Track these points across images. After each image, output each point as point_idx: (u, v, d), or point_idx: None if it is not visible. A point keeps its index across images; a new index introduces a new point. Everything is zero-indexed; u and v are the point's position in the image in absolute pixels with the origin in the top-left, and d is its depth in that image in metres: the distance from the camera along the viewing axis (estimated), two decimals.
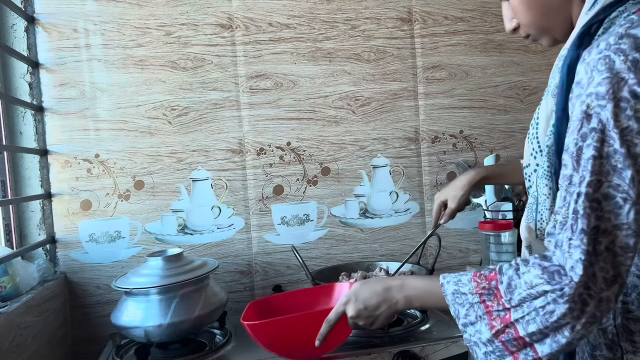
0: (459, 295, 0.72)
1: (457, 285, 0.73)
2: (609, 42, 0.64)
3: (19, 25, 1.40)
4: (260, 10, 1.53)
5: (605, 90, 0.62)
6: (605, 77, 0.62)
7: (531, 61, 1.69)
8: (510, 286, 0.67)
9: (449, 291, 0.73)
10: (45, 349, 1.25)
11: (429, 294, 0.79)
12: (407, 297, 0.81)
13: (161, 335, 1.17)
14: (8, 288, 1.20)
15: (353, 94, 1.59)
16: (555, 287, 0.63)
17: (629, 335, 0.69)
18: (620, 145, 0.61)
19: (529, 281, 0.66)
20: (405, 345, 1.16)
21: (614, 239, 0.61)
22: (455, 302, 0.72)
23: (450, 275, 0.75)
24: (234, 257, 1.54)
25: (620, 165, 0.61)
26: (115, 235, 1.47)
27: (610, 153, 0.62)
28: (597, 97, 0.63)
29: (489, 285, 0.69)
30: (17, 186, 1.41)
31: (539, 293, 0.64)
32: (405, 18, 1.61)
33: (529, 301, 0.65)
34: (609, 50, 0.63)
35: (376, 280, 0.86)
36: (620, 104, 0.61)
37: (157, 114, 1.48)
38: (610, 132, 0.62)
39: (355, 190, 1.61)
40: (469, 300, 0.71)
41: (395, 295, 0.81)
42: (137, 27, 1.47)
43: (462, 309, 0.71)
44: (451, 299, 0.73)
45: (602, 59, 0.63)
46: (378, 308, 0.83)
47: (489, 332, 0.68)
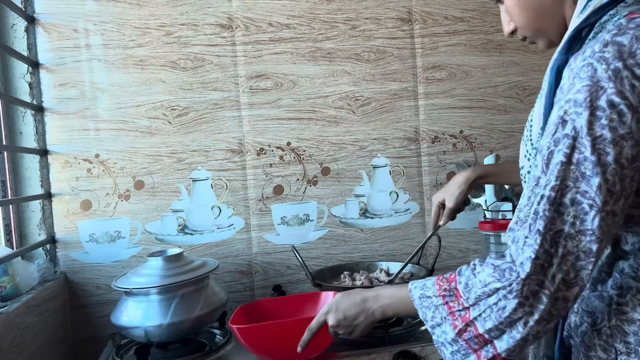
0: (425, 299, 0.76)
1: (423, 289, 0.76)
2: (594, 49, 0.65)
3: (19, 25, 1.40)
4: (260, 10, 1.53)
5: (583, 97, 0.63)
6: (585, 84, 0.63)
7: (531, 61, 1.69)
8: (467, 286, 0.71)
9: (416, 296, 0.77)
10: (45, 349, 1.25)
11: (399, 301, 0.83)
12: (382, 306, 0.85)
13: (161, 335, 1.17)
14: (8, 288, 1.20)
15: (353, 94, 1.59)
16: (504, 283, 0.66)
17: (623, 336, 0.69)
18: (591, 153, 0.62)
19: (482, 280, 0.69)
20: (405, 345, 1.16)
21: (578, 243, 0.63)
22: (422, 305, 0.76)
23: (417, 282, 0.79)
24: (234, 257, 1.54)
25: (589, 172, 0.63)
26: (115, 235, 1.47)
27: (580, 160, 0.63)
28: (575, 103, 0.64)
29: (449, 287, 0.73)
30: (17, 186, 1.41)
31: (491, 291, 0.68)
32: (405, 18, 1.61)
33: (484, 299, 0.68)
34: (592, 58, 0.64)
35: (355, 292, 0.90)
36: (596, 112, 0.62)
37: (157, 114, 1.48)
38: (583, 140, 0.63)
39: (355, 190, 1.61)
40: (434, 302, 0.74)
41: (371, 305, 0.86)
42: (137, 27, 1.47)
43: (428, 312, 0.75)
44: (418, 303, 0.76)
45: (586, 67, 0.64)
46: (357, 318, 0.88)
47: (453, 332, 0.72)
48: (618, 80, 0.62)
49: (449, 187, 1.19)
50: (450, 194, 1.18)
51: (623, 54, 0.62)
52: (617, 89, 0.62)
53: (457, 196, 1.17)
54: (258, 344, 1.04)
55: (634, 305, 0.68)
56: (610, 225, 0.63)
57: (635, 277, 0.69)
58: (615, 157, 0.62)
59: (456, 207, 1.19)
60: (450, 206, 1.18)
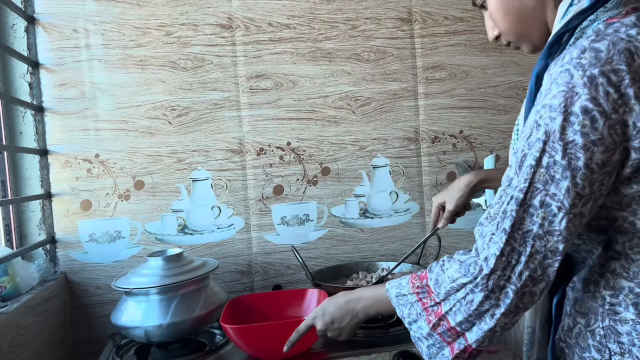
0: (401, 297, 0.79)
1: (399, 288, 0.80)
2: (572, 55, 0.66)
3: (19, 25, 1.40)
4: (260, 10, 1.53)
5: (558, 102, 0.64)
6: (561, 90, 0.64)
7: (531, 61, 1.68)
8: (437, 282, 0.75)
9: (393, 295, 0.80)
10: (45, 349, 1.25)
11: (379, 301, 0.85)
12: (364, 307, 0.88)
13: (161, 335, 1.17)
14: (8, 288, 1.20)
15: (353, 94, 1.59)
16: (469, 278, 0.70)
17: (616, 336, 0.69)
18: (562, 157, 0.64)
19: (450, 275, 0.73)
20: (405, 345, 1.16)
21: (546, 243, 0.66)
22: (399, 304, 0.79)
23: (393, 281, 0.82)
24: (234, 257, 1.54)
25: (558, 176, 0.65)
26: (115, 235, 1.47)
27: (550, 164, 0.65)
28: (550, 108, 0.65)
29: (421, 284, 0.77)
30: (17, 186, 1.41)
31: (459, 285, 0.71)
32: (405, 18, 1.61)
33: (453, 293, 0.72)
34: (570, 64, 0.65)
35: (339, 295, 0.93)
36: (569, 117, 0.63)
37: (157, 114, 1.48)
38: (555, 144, 0.64)
39: (355, 190, 1.61)
40: (409, 300, 0.78)
41: (354, 307, 0.89)
42: (137, 27, 1.47)
43: (405, 310, 0.78)
44: (395, 301, 0.80)
45: (563, 72, 0.65)
46: (342, 320, 0.91)
47: (427, 326, 0.75)
48: (593, 87, 0.63)
49: (451, 189, 1.18)
50: (450, 196, 1.17)
51: (600, 60, 0.63)
52: (592, 96, 0.63)
53: (458, 199, 1.17)
54: (247, 342, 1.10)
55: (627, 305, 0.69)
56: (577, 226, 0.66)
57: (627, 277, 0.69)
58: (585, 162, 0.63)
59: (456, 211, 1.18)
60: (451, 209, 1.17)
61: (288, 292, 1.35)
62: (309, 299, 1.28)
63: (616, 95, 0.62)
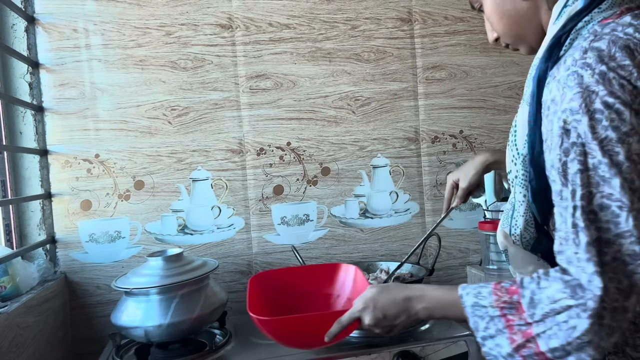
0: (478, 307, 0.72)
1: (477, 297, 0.72)
2: (574, 57, 0.66)
3: (19, 25, 1.40)
4: (260, 10, 1.53)
5: (578, 105, 0.63)
6: (577, 92, 0.64)
7: (531, 61, 1.68)
8: (532, 300, 0.67)
9: (468, 303, 0.73)
10: (45, 349, 1.25)
11: (448, 305, 0.78)
12: (427, 308, 0.81)
13: (161, 335, 1.17)
14: (8, 288, 1.20)
15: (353, 94, 1.59)
16: (579, 301, 0.62)
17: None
18: (602, 155, 0.62)
19: (551, 295, 0.65)
20: (405, 345, 1.16)
21: (620, 247, 0.61)
22: (474, 314, 0.72)
23: (469, 287, 0.75)
24: (234, 257, 1.54)
25: (607, 175, 0.62)
26: (115, 235, 1.47)
27: (595, 164, 0.63)
28: (571, 112, 0.64)
29: (510, 299, 0.69)
30: (17, 186, 1.41)
31: (562, 308, 0.63)
32: (405, 18, 1.61)
33: (552, 316, 0.64)
34: (575, 66, 0.65)
35: (395, 289, 0.85)
36: (595, 115, 0.63)
37: (157, 114, 1.48)
38: (590, 145, 0.63)
39: (355, 190, 1.61)
40: (489, 313, 0.70)
41: (415, 306, 0.82)
42: (137, 27, 1.47)
43: (481, 322, 0.71)
44: (470, 311, 0.73)
45: (571, 75, 0.65)
46: (397, 318, 0.83)
47: (509, 346, 0.68)
48: (606, 82, 0.62)
49: (465, 166, 1.18)
50: (465, 173, 1.16)
51: (604, 58, 0.64)
52: (608, 90, 0.62)
53: (472, 177, 1.15)
54: (279, 334, 1.00)
55: None
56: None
57: None
58: (625, 155, 0.61)
59: (469, 188, 1.16)
60: (464, 186, 1.16)
61: (319, 267, 1.25)
62: (344, 275, 1.18)
63: (631, 87, 0.62)
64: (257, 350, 1.21)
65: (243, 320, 1.43)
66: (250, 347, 1.22)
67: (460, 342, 1.18)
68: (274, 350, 1.19)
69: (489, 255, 1.51)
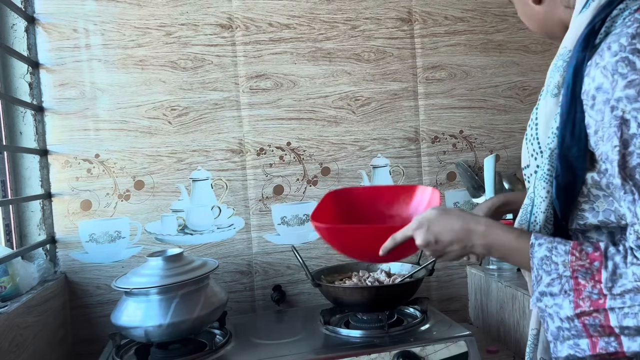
0: (548, 262, 0.69)
1: (551, 252, 0.69)
2: (621, 43, 0.64)
3: (19, 25, 1.40)
4: (260, 10, 1.53)
5: (635, 92, 0.62)
6: (631, 79, 0.62)
7: (531, 61, 1.69)
8: (615, 274, 0.64)
9: (537, 255, 0.70)
10: (45, 349, 1.25)
11: (512, 250, 0.74)
12: (488, 245, 0.77)
13: (161, 335, 1.17)
14: (8, 288, 1.20)
15: (353, 94, 1.59)
16: None
17: None
18: None
19: (638, 273, 0.62)
20: (405, 346, 1.16)
21: None
22: (541, 267, 0.69)
23: (543, 239, 0.71)
24: (234, 257, 1.54)
25: None
26: (115, 235, 1.47)
27: None
28: (629, 100, 0.62)
29: (589, 265, 0.66)
30: (17, 186, 1.41)
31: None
32: (405, 18, 1.61)
33: (634, 294, 0.62)
34: (625, 52, 0.63)
35: (456, 215, 0.79)
36: None
37: (157, 114, 1.48)
38: None
39: None
40: (559, 271, 0.67)
41: (474, 239, 0.77)
42: (137, 27, 1.47)
43: (546, 277, 0.68)
44: (537, 262, 0.70)
45: (621, 62, 0.63)
46: (450, 245, 0.79)
47: (571, 309, 0.66)
48: None
49: (475, 211, 1.09)
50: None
51: None
52: None
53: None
54: (338, 243, 0.99)
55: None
56: None
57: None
58: None
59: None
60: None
61: (396, 188, 1.20)
62: (420, 197, 1.14)
63: None
64: (257, 350, 1.21)
65: (243, 320, 1.43)
66: (250, 347, 1.22)
67: (460, 342, 1.18)
68: (274, 350, 1.19)
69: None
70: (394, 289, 1.29)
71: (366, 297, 1.26)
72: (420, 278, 1.31)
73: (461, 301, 1.67)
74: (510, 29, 1.67)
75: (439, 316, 1.34)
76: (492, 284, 1.49)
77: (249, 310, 1.54)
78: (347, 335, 1.24)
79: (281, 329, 1.36)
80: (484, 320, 1.56)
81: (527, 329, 1.22)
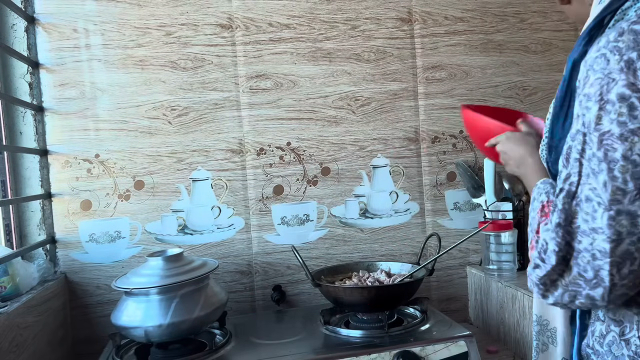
0: (534, 201, 0.78)
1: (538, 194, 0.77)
2: (609, 38, 0.63)
3: (19, 25, 1.40)
4: (260, 10, 1.53)
5: (594, 91, 0.62)
6: (597, 77, 0.62)
7: (531, 61, 1.69)
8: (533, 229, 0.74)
9: (533, 194, 0.79)
10: (45, 349, 1.25)
11: (528, 181, 0.85)
12: (523, 172, 0.88)
13: (161, 335, 1.17)
14: (8, 288, 1.20)
15: (353, 94, 1.59)
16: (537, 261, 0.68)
17: None
18: (597, 148, 0.61)
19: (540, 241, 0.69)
20: (405, 346, 1.16)
21: (592, 241, 0.62)
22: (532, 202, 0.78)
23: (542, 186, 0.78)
24: (234, 257, 1.54)
25: (596, 168, 0.61)
26: (115, 235, 1.47)
27: (590, 156, 0.62)
28: (587, 98, 0.63)
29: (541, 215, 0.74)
30: (17, 186, 1.41)
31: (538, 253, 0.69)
32: (405, 18, 1.61)
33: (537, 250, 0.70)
34: (606, 48, 0.62)
35: (523, 140, 0.90)
36: (605, 106, 0.61)
37: (157, 114, 1.48)
38: (591, 135, 0.62)
39: (355, 190, 1.61)
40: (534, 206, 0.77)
41: (520, 165, 0.88)
42: (137, 27, 1.47)
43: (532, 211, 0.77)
44: (532, 198, 0.79)
45: (599, 58, 0.63)
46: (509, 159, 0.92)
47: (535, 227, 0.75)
48: (630, 72, 0.59)
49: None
50: None
51: (638, 44, 0.60)
52: (629, 81, 0.59)
53: None
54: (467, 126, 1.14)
55: None
56: (626, 226, 0.60)
57: None
58: (624, 153, 0.59)
59: None
60: None
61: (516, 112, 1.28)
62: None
63: None
64: (257, 350, 1.21)
65: (243, 320, 1.43)
66: (250, 347, 1.22)
67: (460, 342, 1.18)
68: (274, 350, 1.19)
69: (489, 255, 1.51)
70: (394, 289, 1.29)
71: (366, 297, 1.26)
72: (420, 278, 1.31)
73: (461, 301, 1.67)
74: (510, 29, 1.67)
75: (439, 316, 1.34)
76: (492, 284, 1.49)
77: (249, 310, 1.54)
78: (347, 335, 1.24)
79: (281, 329, 1.36)
80: (484, 320, 1.56)
81: (527, 329, 1.23)
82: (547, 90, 1.68)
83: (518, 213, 1.55)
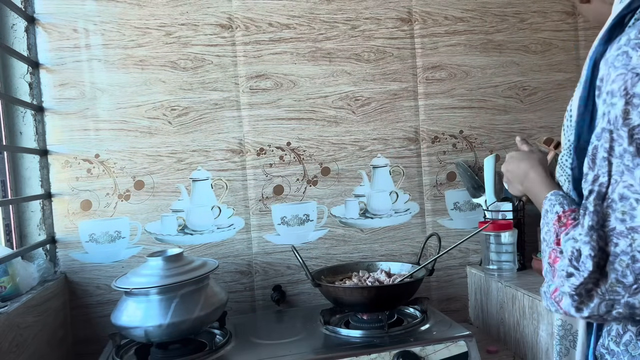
0: (546, 215, 0.76)
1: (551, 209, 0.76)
2: (629, 36, 0.62)
3: (19, 25, 1.40)
4: (260, 10, 1.53)
5: (618, 87, 0.61)
6: (620, 73, 0.61)
7: (531, 61, 1.68)
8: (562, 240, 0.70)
9: (544, 206, 0.77)
10: (45, 349, 1.25)
11: (535, 195, 0.84)
12: (528, 189, 0.88)
13: (161, 335, 1.17)
14: (8, 288, 1.20)
15: (353, 94, 1.59)
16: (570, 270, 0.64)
17: None
18: (628, 143, 0.60)
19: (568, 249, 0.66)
20: (405, 346, 1.16)
21: (632, 242, 0.59)
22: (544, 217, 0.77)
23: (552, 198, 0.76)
24: (234, 257, 1.54)
25: (630, 164, 0.59)
26: (115, 235, 1.47)
27: (620, 153, 0.60)
28: (611, 95, 0.62)
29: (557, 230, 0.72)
30: (17, 186, 1.41)
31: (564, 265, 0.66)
32: (405, 18, 1.61)
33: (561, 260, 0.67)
34: (627, 46, 0.62)
35: (526, 160, 0.90)
36: (632, 100, 0.60)
37: (157, 114, 1.48)
38: (619, 131, 0.60)
39: (355, 190, 1.61)
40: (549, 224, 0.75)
41: (525, 182, 0.88)
42: (137, 27, 1.47)
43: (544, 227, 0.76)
44: (543, 212, 0.78)
45: (620, 55, 0.62)
46: (512, 180, 0.93)
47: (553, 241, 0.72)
48: None
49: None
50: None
51: None
52: None
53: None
54: None
55: None
56: None
57: None
58: None
59: None
60: None
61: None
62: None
63: None
64: (257, 350, 1.21)
65: (243, 320, 1.43)
66: (250, 347, 1.22)
67: (460, 342, 1.18)
68: (274, 350, 1.19)
69: (489, 255, 1.51)
70: (394, 289, 1.29)
71: (366, 297, 1.26)
72: (420, 278, 1.31)
73: (461, 301, 1.67)
74: (510, 29, 1.67)
75: (439, 316, 1.34)
76: (492, 284, 1.49)
77: (249, 310, 1.54)
78: (347, 335, 1.24)
79: (281, 329, 1.36)
80: (484, 320, 1.56)
81: (527, 329, 1.23)
82: (547, 90, 1.68)
83: (518, 213, 1.55)
